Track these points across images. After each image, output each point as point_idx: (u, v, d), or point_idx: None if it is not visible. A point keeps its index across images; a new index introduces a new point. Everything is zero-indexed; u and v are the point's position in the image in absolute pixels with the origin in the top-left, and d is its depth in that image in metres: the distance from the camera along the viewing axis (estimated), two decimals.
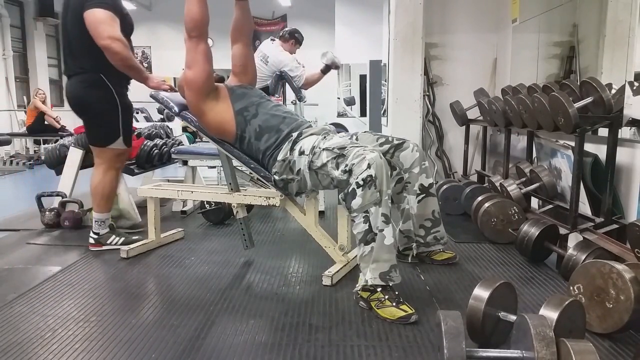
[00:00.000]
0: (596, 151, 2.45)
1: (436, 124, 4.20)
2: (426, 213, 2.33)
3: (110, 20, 2.42)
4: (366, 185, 1.86)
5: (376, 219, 1.87)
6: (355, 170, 1.89)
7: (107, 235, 2.72)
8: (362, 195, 1.87)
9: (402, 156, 2.28)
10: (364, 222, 1.89)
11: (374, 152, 1.91)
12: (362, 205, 1.88)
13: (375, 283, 1.87)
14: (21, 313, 1.93)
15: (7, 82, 9.27)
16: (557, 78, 3.90)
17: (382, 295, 1.87)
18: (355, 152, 1.93)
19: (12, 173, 7.02)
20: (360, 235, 1.91)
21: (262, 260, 2.55)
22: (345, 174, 1.93)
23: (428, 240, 2.37)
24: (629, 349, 1.60)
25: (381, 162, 1.89)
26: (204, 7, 2.15)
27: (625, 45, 2.83)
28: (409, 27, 3.78)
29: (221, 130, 2.27)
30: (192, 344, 1.66)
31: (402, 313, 1.80)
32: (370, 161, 1.87)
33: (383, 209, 1.88)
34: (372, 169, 1.86)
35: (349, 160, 1.93)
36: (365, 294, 1.91)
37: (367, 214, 1.88)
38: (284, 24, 10.33)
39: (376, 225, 1.87)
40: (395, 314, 1.81)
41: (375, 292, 1.88)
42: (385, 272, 1.88)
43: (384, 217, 1.88)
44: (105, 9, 2.41)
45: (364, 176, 1.86)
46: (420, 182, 2.28)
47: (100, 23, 2.40)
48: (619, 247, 2.08)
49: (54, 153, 3.49)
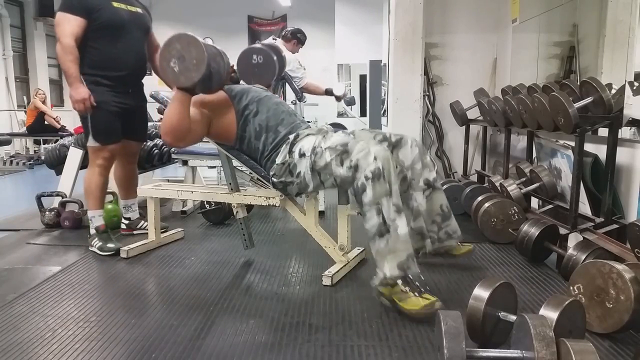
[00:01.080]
0: (596, 151, 2.45)
1: (436, 124, 4.20)
2: (435, 208, 2.28)
3: (63, 22, 2.50)
4: (375, 177, 1.86)
5: (388, 210, 1.86)
6: (361, 164, 1.89)
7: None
8: (372, 188, 1.86)
9: (402, 154, 2.24)
10: (377, 215, 1.87)
11: (378, 145, 1.92)
12: (374, 198, 1.87)
13: (394, 274, 1.84)
14: (21, 313, 1.93)
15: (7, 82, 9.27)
16: (557, 78, 3.90)
17: (403, 287, 1.84)
18: (359, 147, 1.94)
19: (12, 173, 7.01)
20: (374, 229, 1.88)
21: (262, 260, 2.55)
22: (351, 170, 1.93)
23: (440, 235, 2.31)
24: (629, 349, 1.60)
25: (386, 154, 1.90)
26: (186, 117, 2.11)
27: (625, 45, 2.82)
28: (409, 27, 3.78)
29: (224, 136, 2.29)
30: (192, 344, 1.66)
31: (426, 302, 1.79)
32: (376, 153, 1.87)
33: (394, 200, 1.87)
34: (379, 161, 1.86)
35: (353, 156, 1.92)
36: (386, 290, 1.88)
37: (379, 206, 1.86)
38: (284, 24, 10.32)
39: (389, 216, 1.86)
40: (419, 303, 1.79)
41: (396, 286, 1.86)
42: (403, 262, 1.85)
43: (396, 207, 1.87)
44: (62, 11, 2.51)
45: (372, 168, 1.86)
46: (425, 177, 2.24)
47: (56, 26, 2.51)
48: (619, 247, 2.08)
49: (54, 153, 3.49)
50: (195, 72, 2.00)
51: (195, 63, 1.99)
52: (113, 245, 2.64)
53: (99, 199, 2.72)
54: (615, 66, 3.34)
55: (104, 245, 2.64)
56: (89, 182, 2.70)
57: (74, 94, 2.50)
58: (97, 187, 2.70)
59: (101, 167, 2.68)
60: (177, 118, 2.09)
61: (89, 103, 2.52)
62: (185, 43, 2.00)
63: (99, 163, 2.67)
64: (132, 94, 2.73)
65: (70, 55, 2.48)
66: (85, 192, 2.72)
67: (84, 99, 2.50)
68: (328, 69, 7.80)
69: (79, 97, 2.49)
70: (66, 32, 2.48)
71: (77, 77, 2.50)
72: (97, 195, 2.71)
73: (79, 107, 2.52)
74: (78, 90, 2.50)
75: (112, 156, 2.73)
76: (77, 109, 2.54)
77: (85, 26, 2.51)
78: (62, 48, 2.48)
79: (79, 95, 2.49)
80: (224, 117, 2.25)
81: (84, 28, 2.51)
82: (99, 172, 2.68)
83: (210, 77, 2.08)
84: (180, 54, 2.00)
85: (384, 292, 1.89)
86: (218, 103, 2.26)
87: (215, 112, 2.24)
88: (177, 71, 2.02)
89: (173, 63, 2.02)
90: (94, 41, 2.56)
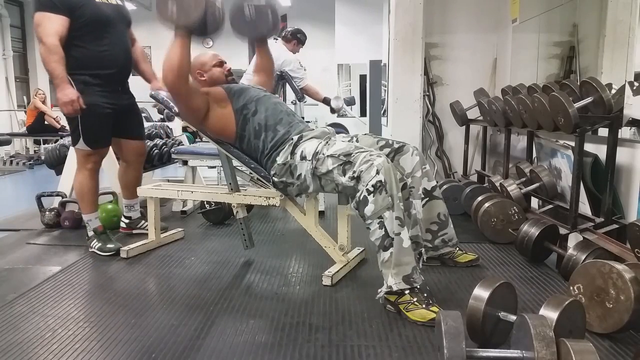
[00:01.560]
0: (596, 151, 2.45)
1: (436, 124, 4.20)
2: (432, 216, 2.30)
3: (44, 22, 2.38)
4: (377, 190, 1.85)
5: (391, 224, 1.86)
6: (364, 177, 1.88)
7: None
8: (374, 201, 1.86)
9: (403, 160, 2.25)
10: (379, 228, 1.87)
11: (380, 157, 1.90)
12: (376, 211, 1.87)
13: (400, 287, 1.84)
14: (21, 313, 1.93)
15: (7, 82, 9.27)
16: (557, 78, 3.89)
17: (411, 297, 1.83)
18: (362, 158, 1.92)
19: (12, 173, 7.01)
20: (378, 242, 1.89)
21: (262, 260, 2.55)
22: (353, 181, 1.92)
23: (436, 243, 2.33)
24: (629, 349, 1.60)
25: (389, 166, 1.89)
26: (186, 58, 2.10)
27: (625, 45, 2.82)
28: (409, 27, 3.78)
29: (222, 132, 2.29)
30: (192, 344, 1.66)
31: (432, 315, 1.76)
32: (379, 166, 1.86)
33: (397, 213, 1.87)
34: (381, 174, 1.85)
35: (356, 167, 1.91)
36: (393, 297, 1.87)
37: (382, 220, 1.86)
38: (284, 23, 10.31)
39: (392, 229, 1.85)
40: (425, 316, 1.77)
41: (403, 295, 1.85)
42: (409, 275, 1.86)
43: (399, 221, 1.87)
44: (40, 10, 2.39)
45: (374, 182, 1.86)
46: (423, 186, 2.26)
47: (36, 27, 2.40)
48: (619, 247, 2.08)
49: (54, 153, 3.49)
50: (193, 11, 2.00)
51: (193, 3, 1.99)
52: (113, 246, 2.64)
53: (92, 202, 2.68)
54: (615, 66, 3.34)
55: (103, 246, 2.64)
56: (80, 186, 2.65)
57: (61, 96, 2.38)
58: (90, 191, 2.65)
59: (91, 170, 2.63)
60: (178, 57, 2.07)
61: (78, 105, 2.40)
62: None
63: (89, 167, 2.62)
64: (121, 92, 2.67)
65: (55, 55, 2.36)
66: (78, 196, 2.69)
67: (72, 100, 2.38)
68: (328, 69, 7.80)
69: (67, 98, 2.37)
70: (49, 32, 2.35)
71: (63, 77, 2.38)
72: (91, 198, 2.66)
73: (68, 110, 2.40)
74: (65, 92, 2.38)
75: (102, 159, 2.69)
76: (65, 112, 2.43)
77: (68, 25, 2.41)
78: (46, 48, 2.35)
79: (66, 97, 2.37)
80: (221, 111, 2.25)
81: (67, 27, 2.40)
82: (90, 176, 2.63)
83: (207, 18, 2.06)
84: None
85: (390, 299, 1.88)
86: (216, 95, 2.27)
87: (213, 102, 2.25)
88: (175, 10, 2.01)
89: (171, 3, 2.01)
90: (79, 39, 2.46)
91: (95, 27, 2.49)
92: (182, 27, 2.06)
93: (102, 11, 2.52)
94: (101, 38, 2.51)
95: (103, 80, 2.54)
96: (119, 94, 2.65)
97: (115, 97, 2.62)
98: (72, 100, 2.39)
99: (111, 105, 2.59)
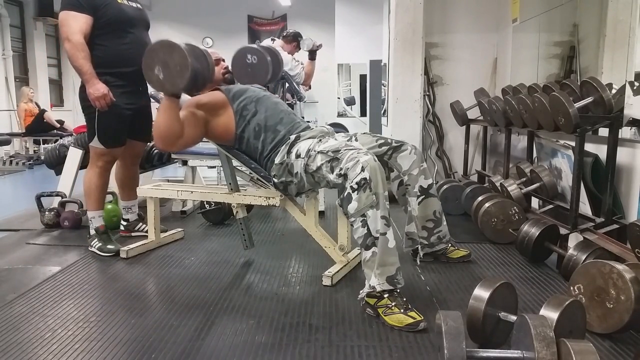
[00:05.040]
0: (596, 151, 2.45)
1: (436, 123, 4.20)
2: (427, 214, 2.32)
3: (69, 20, 2.44)
4: (361, 188, 1.84)
5: (375, 222, 1.84)
6: (349, 175, 1.87)
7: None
8: (357, 199, 1.85)
9: (400, 158, 2.26)
10: (362, 227, 1.86)
11: (367, 155, 1.89)
12: (359, 209, 1.85)
13: (384, 288, 1.83)
14: (21, 313, 1.92)
15: (6, 82, 9.26)
16: (558, 78, 3.89)
17: (390, 301, 1.82)
18: (349, 156, 1.91)
19: (12, 173, 7.00)
20: (360, 240, 1.88)
21: (262, 260, 2.55)
22: (340, 178, 1.92)
23: (432, 240, 2.36)
24: (629, 349, 1.59)
25: (375, 165, 1.87)
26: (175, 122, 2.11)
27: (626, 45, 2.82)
28: (409, 27, 3.78)
29: (223, 137, 2.29)
30: (192, 344, 1.66)
31: (410, 320, 1.75)
32: (364, 164, 1.85)
33: (382, 212, 1.85)
34: (366, 171, 1.84)
35: (343, 164, 1.91)
36: (372, 301, 1.86)
37: (365, 218, 1.85)
38: (284, 23, 10.31)
39: (376, 228, 1.84)
40: (403, 321, 1.76)
41: (383, 299, 1.83)
42: (393, 276, 1.85)
43: (385, 220, 1.85)
44: (66, 9, 2.45)
45: (358, 179, 1.84)
46: (420, 184, 2.27)
47: (61, 26, 2.47)
48: (619, 247, 2.08)
49: (54, 153, 3.49)
50: (179, 78, 2.00)
51: (179, 69, 1.98)
52: (113, 247, 2.63)
53: (99, 200, 2.70)
54: (616, 66, 3.34)
55: (103, 246, 2.64)
56: (89, 182, 2.68)
57: (92, 91, 2.44)
58: (98, 188, 2.68)
59: (102, 168, 2.66)
60: (166, 124, 2.10)
61: (109, 99, 2.47)
62: (167, 50, 1.99)
63: (100, 165, 2.66)
64: (141, 92, 2.70)
65: (82, 52, 2.42)
66: (85, 192, 2.71)
67: (103, 94, 2.45)
68: (328, 69, 7.79)
69: (99, 93, 2.44)
70: (74, 30, 2.42)
71: (92, 73, 2.45)
72: (98, 196, 2.69)
73: (101, 104, 2.47)
74: (96, 87, 2.44)
75: (115, 158, 2.73)
76: (98, 106, 2.48)
77: (92, 23, 2.47)
78: (72, 46, 2.42)
79: (98, 91, 2.44)
80: (221, 117, 2.24)
81: (91, 25, 2.47)
82: (100, 173, 2.66)
83: (196, 79, 2.06)
84: (163, 60, 1.99)
85: (370, 302, 1.87)
86: (214, 104, 2.25)
87: (211, 113, 2.24)
88: (162, 78, 2.03)
89: (157, 70, 2.02)
90: (101, 38, 2.51)
91: (117, 26, 2.54)
92: (169, 94, 2.08)
93: (124, 11, 2.58)
94: (122, 37, 2.56)
95: (124, 80, 2.58)
96: (140, 94, 2.69)
97: (136, 97, 2.66)
98: (103, 95, 2.46)
99: (130, 106, 2.62)
